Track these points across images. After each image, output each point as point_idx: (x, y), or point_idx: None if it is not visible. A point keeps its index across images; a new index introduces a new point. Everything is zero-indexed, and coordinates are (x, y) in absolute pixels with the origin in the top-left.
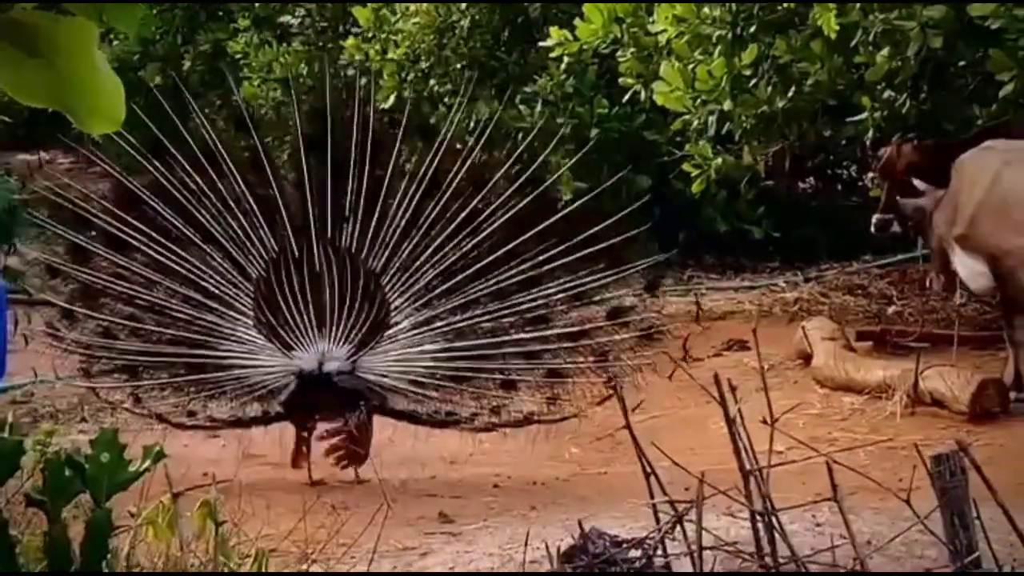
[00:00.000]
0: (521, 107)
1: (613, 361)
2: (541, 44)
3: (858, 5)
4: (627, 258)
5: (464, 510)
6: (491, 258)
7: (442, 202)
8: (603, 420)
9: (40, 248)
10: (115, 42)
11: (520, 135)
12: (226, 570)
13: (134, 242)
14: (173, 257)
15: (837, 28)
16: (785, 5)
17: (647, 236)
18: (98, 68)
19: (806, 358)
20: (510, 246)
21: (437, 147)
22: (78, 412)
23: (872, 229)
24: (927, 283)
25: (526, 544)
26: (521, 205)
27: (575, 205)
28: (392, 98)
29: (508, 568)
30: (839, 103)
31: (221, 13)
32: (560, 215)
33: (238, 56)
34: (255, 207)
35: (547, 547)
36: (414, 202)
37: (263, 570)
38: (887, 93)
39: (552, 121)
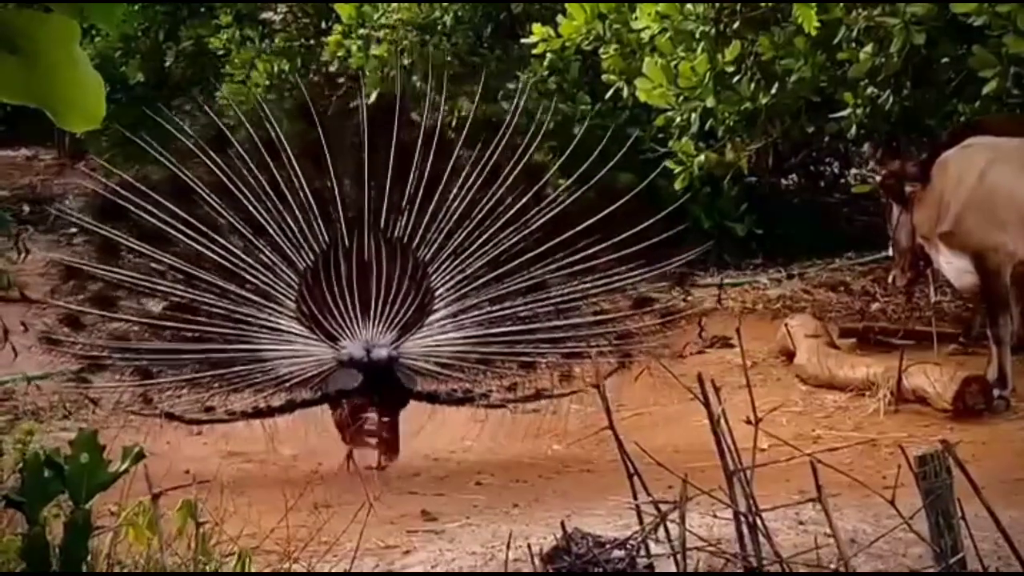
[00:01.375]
0: (503, 104)
1: (635, 344)
2: (523, 41)
3: (841, 2)
4: (663, 256)
5: (447, 508)
6: (536, 251)
7: (497, 195)
8: (585, 417)
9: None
10: (97, 39)
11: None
12: (207, 570)
13: (178, 236)
14: (217, 250)
15: (818, 25)
16: (765, 4)
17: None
18: (79, 65)
19: (789, 355)
20: (554, 241)
21: (496, 142)
22: (60, 410)
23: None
24: (890, 279)
25: (509, 544)
26: (568, 201)
27: (618, 204)
28: (374, 94)
29: (491, 567)
30: (822, 100)
31: (203, 10)
32: (604, 213)
33: (220, 52)
34: (310, 199)
35: (529, 548)
36: (469, 194)
37: (246, 570)
38: (870, 90)
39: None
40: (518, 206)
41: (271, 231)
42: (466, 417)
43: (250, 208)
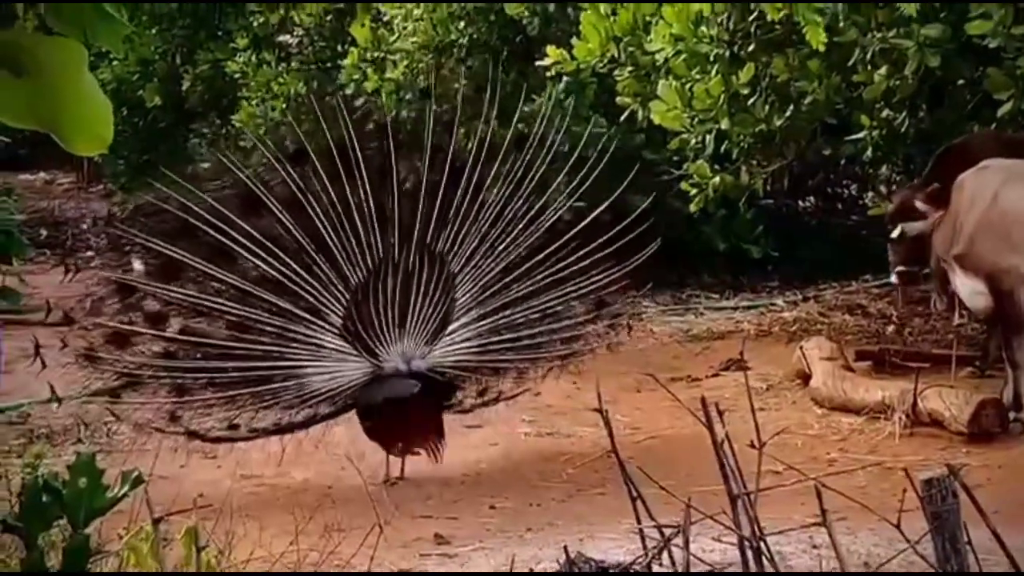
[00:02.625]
0: (519, 126)
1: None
2: (539, 63)
3: (855, 24)
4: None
5: (460, 531)
6: (533, 260)
7: (516, 207)
8: (599, 440)
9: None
10: (115, 62)
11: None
12: None
13: (242, 253)
14: (277, 267)
15: (825, 41)
16: (778, 26)
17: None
18: (87, 89)
19: (805, 378)
20: (548, 250)
21: (525, 155)
22: (74, 433)
23: (896, 281)
24: (931, 304)
25: (512, 565)
26: (557, 215)
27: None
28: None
29: None
30: (837, 122)
31: (220, 33)
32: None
33: (236, 76)
34: (372, 214)
35: (531, 572)
36: (496, 207)
37: None
38: (885, 112)
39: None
40: (526, 218)
41: (332, 246)
42: (480, 439)
43: (316, 223)
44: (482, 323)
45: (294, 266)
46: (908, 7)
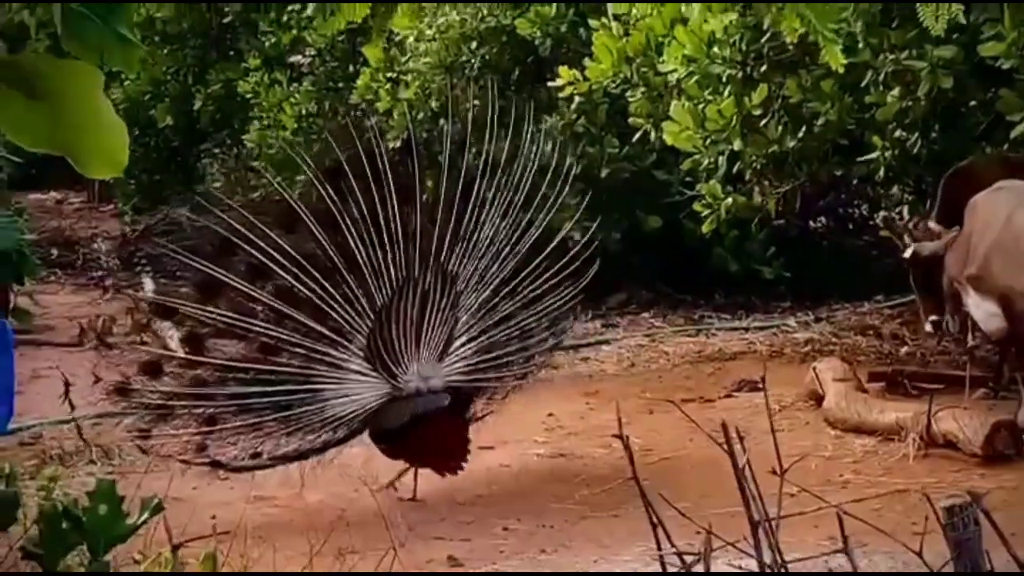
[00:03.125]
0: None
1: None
2: (551, 84)
3: (869, 45)
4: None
5: (473, 554)
6: (516, 279)
7: (509, 225)
8: (612, 462)
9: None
10: (126, 82)
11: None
12: None
13: (278, 271)
14: (312, 287)
15: (844, 62)
16: (791, 47)
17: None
18: (102, 112)
19: (818, 399)
20: (527, 270)
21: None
22: (86, 454)
23: (928, 328)
24: (944, 325)
25: None
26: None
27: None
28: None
29: None
30: (850, 143)
31: (232, 53)
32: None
33: (248, 96)
34: (398, 234)
35: None
36: (493, 227)
37: None
38: (898, 133)
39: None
40: (513, 237)
41: (361, 265)
42: (492, 460)
43: (349, 242)
44: (478, 342)
45: (326, 285)
46: (928, 18)
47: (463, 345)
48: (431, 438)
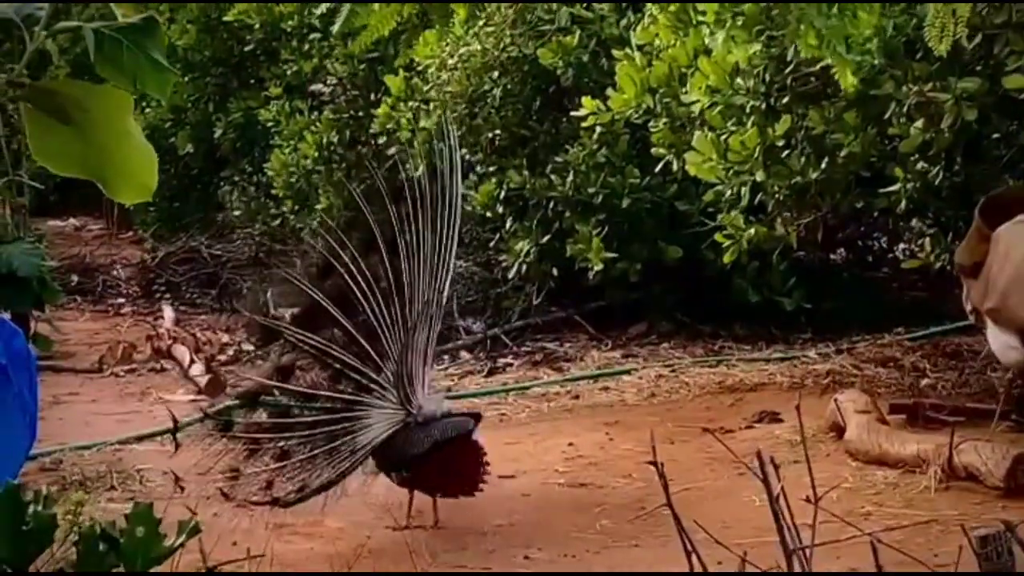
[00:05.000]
0: (552, 177)
1: None
2: (573, 114)
3: (892, 77)
4: None
5: None
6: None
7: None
8: (633, 491)
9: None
10: (147, 110)
11: (551, 204)
12: None
13: (359, 297)
14: (375, 310)
15: (855, 85)
16: (814, 79)
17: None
18: (132, 138)
19: (839, 431)
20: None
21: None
22: (107, 480)
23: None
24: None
25: None
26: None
27: None
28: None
29: None
30: (872, 174)
31: (253, 81)
32: None
33: (269, 124)
34: (421, 259)
35: None
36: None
37: None
38: (920, 164)
39: (583, 191)
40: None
41: (405, 291)
42: (513, 489)
43: (401, 266)
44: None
45: (384, 308)
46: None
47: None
48: (452, 462)
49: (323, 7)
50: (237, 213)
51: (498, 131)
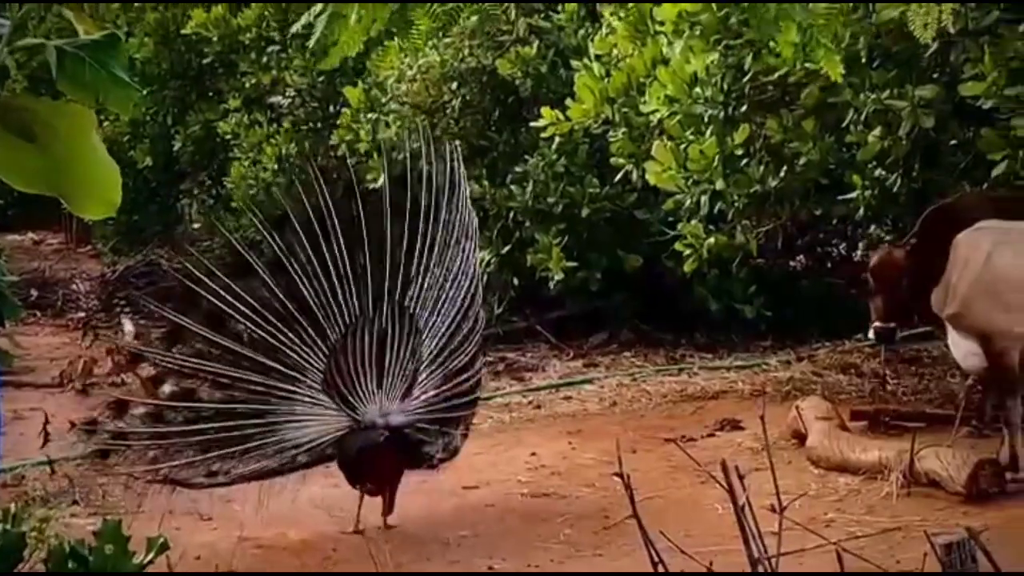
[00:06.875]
0: (512, 187)
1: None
2: (532, 124)
3: (850, 85)
4: None
5: None
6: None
7: (460, 261)
8: (596, 501)
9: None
10: (105, 123)
11: (511, 214)
12: None
13: (234, 316)
14: (265, 328)
15: (843, 73)
16: (772, 87)
17: None
18: (95, 153)
19: (800, 438)
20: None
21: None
22: (69, 495)
23: (874, 338)
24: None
25: None
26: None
27: None
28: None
29: None
30: (830, 182)
31: (212, 94)
32: None
33: (228, 136)
34: (348, 273)
35: None
36: (446, 262)
37: None
38: (878, 172)
39: (543, 200)
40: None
41: (314, 307)
42: (477, 500)
43: (300, 286)
44: (437, 373)
45: (280, 326)
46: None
47: (426, 381)
48: (367, 472)
49: (297, 25)
50: (197, 226)
51: (457, 141)
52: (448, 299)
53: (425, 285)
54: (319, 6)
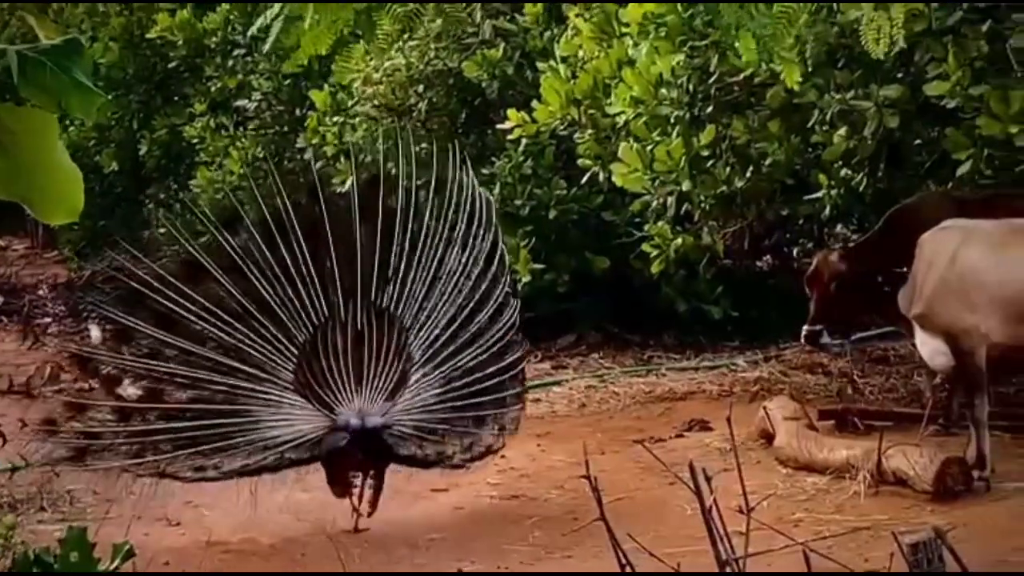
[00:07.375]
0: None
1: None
2: (499, 126)
3: (815, 86)
4: None
5: None
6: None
7: (458, 258)
8: (565, 503)
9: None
10: (71, 128)
11: None
12: None
13: (187, 317)
14: (223, 329)
15: (799, 80)
16: (737, 88)
17: None
18: (58, 159)
19: (768, 438)
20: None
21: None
22: (37, 501)
23: (803, 341)
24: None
25: None
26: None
27: None
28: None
29: None
30: (796, 182)
31: (177, 98)
32: None
33: (194, 141)
34: (312, 274)
35: None
36: (435, 260)
37: None
38: (844, 172)
39: (510, 202)
40: (466, 270)
41: (275, 308)
42: (446, 503)
43: (258, 287)
44: (435, 376)
45: (238, 326)
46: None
47: (420, 382)
48: (334, 472)
49: (254, 28)
50: (163, 231)
51: (424, 144)
52: (445, 296)
53: (408, 284)
54: (275, 9)
